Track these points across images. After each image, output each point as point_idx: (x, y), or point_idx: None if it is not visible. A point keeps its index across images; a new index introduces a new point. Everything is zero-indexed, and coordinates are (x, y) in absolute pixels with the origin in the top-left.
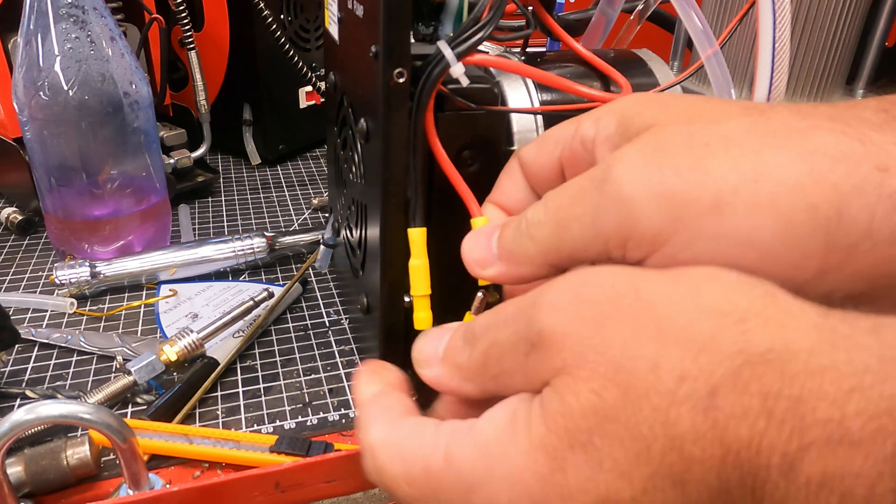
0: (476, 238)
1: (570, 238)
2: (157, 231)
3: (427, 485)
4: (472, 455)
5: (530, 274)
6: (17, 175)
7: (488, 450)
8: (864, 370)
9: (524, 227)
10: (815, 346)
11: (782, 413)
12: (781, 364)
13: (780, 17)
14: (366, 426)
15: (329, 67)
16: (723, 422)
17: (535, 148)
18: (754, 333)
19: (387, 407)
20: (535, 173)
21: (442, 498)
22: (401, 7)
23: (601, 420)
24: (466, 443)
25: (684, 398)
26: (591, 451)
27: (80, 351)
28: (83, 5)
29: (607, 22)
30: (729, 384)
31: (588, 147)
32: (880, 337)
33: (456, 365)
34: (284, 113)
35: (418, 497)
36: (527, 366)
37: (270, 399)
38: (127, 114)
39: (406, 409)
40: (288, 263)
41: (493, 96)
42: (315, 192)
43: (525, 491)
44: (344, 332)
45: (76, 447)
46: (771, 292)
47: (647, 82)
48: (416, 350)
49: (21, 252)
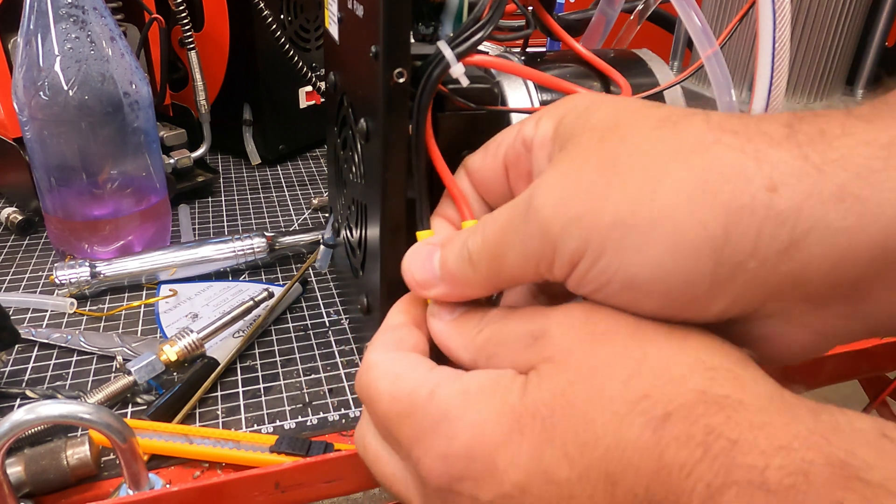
0: (416, 258)
1: (507, 266)
2: (157, 231)
3: (406, 406)
4: (452, 395)
5: (474, 295)
6: (17, 175)
7: (467, 397)
8: (794, 436)
9: (465, 255)
10: (764, 406)
11: (718, 449)
12: (731, 410)
13: (780, 17)
14: (374, 346)
15: (329, 67)
16: (666, 441)
17: (482, 154)
18: (718, 382)
19: (400, 339)
20: (482, 179)
21: (415, 420)
22: (401, 7)
23: (564, 405)
24: (452, 385)
25: (641, 412)
26: (547, 427)
27: (80, 351)
28: (83, 5)
29: (607, 22)
30: (682, 413)
31: (528, 147)
32: (817, 416)
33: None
34: (284, 113)
35: (392, 416)
36: (522, 354)
37: (270, 399)
38: (127, 114)
39: (415, 345)
40: (288, 263)
41: (493, 96)
42: (315, 192)
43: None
44: (344, 332)
45: (76, 447)
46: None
47: (647, 82)
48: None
49: (21, 252)
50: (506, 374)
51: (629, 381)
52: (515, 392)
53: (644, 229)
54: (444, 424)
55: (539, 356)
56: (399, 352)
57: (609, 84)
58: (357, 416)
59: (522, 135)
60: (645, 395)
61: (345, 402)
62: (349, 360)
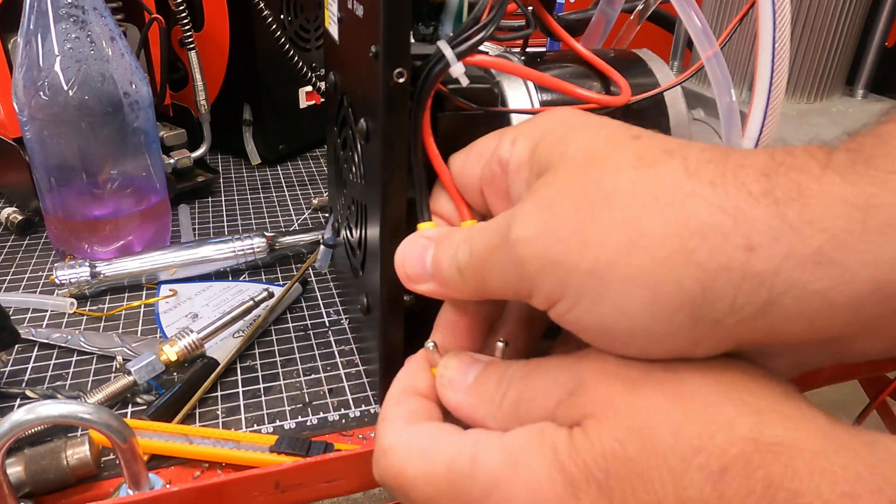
0: (410, 250)
1: (491, 285)
2: (157, 231)
3: (448, 482)
4: (497, 457)
5: (461, 298)
6: (17, 175)
7: (515, 457)
8: (856, 478)
9: (455, 263)
10: (820, 448)
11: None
12: (788, 457)
13: (780, 17)
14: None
15: (329, 67)
16: (728, 497)
17: (462, 159)
18: (768, 425)
19: (411, 412)
20: (463, 185)
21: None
22: (401, 7)
23: (619, 466)
24: (494, 447)
25: (698, 468)
26: (604, 490)
27: (80, 351)
28: (83, 5)
29: (607, 22)
30: (739, 465)
31: (504, 167)
32: (874, 451)
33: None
34: (284, 113)
35: (435, 495)
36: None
37: (270, 399)
38: (127, 114)
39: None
40: (288, 263)
41: (493, 96)
42: (315, 192)
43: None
44: (344, 332)
45: (76, 447)
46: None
47: (647, 82)
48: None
49: (21, 252)
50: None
51: (679, 433)
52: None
53: (621, 285)
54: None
55: (579, 412)
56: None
57: (609, 84)
58: (357, 416)
59: (498, 154)
60: (699, 449)
61: (345, 402)
62: (349, 360)
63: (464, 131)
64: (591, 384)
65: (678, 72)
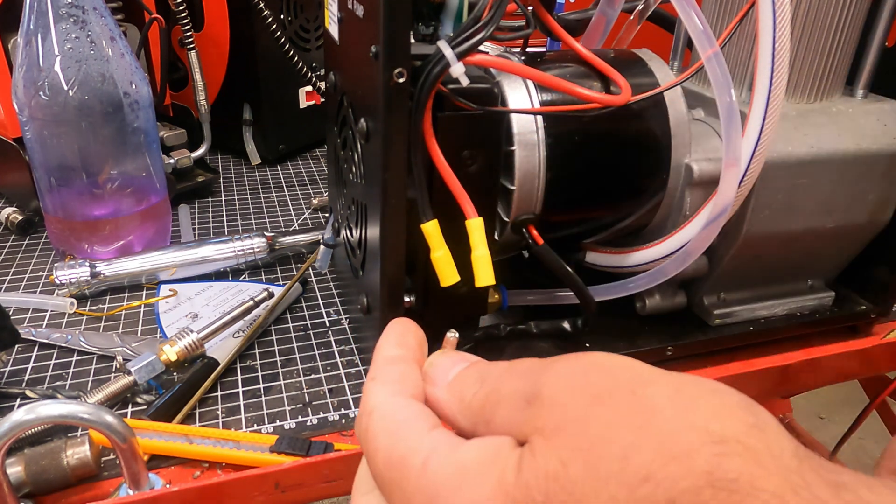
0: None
1: None
2: (157, 231)
3: (399, 472)
4: (447, 470)
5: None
6: (17, 175)
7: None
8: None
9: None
10: (778, 489)
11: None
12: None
13: (780, 17)
14: (378, 384)
15: (329, 67)
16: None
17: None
18: (728, 459)
19: (404, 376)
20: None
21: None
22: (401, 7)
23: (558, 489)
24: (447, 459)
25: (643, 498)
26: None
27: (80, 351)
28: (83, 5)
29: (607, 22)
30: (688, 498)
31: None
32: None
33: (459, 397)
34: (284, 113)
35: (386, 477)
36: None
37: (270, 399)
38: (127, 114)
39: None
40: (288, 263)
41: (493, 96)
42: (315, 192)
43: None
44: (344, 332)
45: (76, 447)
46: (761, 425)
47: (647, 82)
48: (430, 363)
49: (21, 252)
50: (504, 446)
51: (628, 458)
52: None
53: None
54: None
55: (531, 426)
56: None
57: (609, 84)
58: (356, 416)
59: None
60: (646, 478)
61: (345, 402)
62: (349, 360)
63: (464, 131)
64: (547, 396)
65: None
